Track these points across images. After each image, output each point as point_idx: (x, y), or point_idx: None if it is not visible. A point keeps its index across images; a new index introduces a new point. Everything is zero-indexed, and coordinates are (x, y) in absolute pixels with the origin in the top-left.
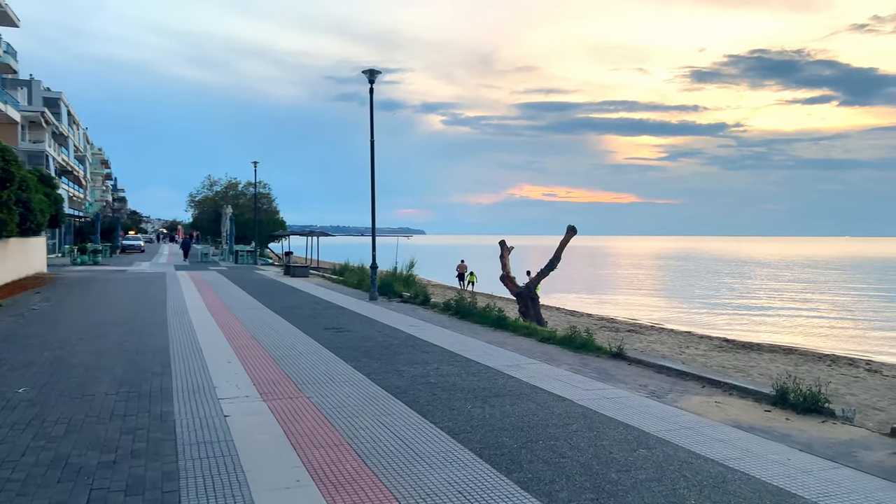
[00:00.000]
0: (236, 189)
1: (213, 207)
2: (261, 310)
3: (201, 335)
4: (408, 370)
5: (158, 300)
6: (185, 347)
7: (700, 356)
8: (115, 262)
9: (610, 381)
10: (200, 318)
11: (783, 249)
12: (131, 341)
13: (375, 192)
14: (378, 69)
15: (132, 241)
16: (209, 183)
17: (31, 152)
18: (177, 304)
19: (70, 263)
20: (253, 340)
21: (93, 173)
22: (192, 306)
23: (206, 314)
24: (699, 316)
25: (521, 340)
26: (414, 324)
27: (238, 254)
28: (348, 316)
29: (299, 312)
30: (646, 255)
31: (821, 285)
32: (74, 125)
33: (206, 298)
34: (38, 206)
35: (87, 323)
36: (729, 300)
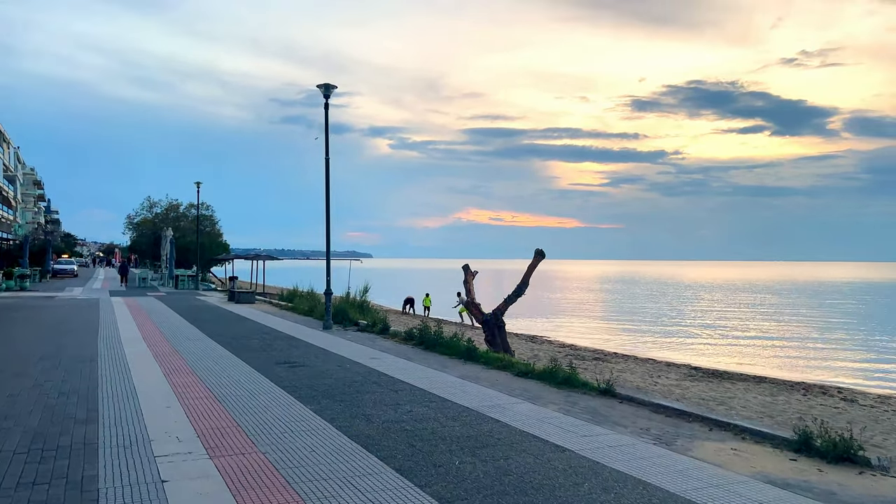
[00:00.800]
0: (177, 211)
1: (152, 230)
2: (204, 341)
3: (136, 372)
4: (377, 414)
5: (89, 330)
6: (117, 387)
7: (675, 387)
8: (45, 288)
9: (606, 424)
10: (136, 352)
11: (721, 273)
12: (53, 381)
13: (330, 213)
14: (333, 84)
15: (64, 266)
16: (149, 204)
17: None
18: (110, 334)
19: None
20: (195, 378)
21: (24, 194)
22: (127, 337)
23: (142, 346)
24: (658, 341)
25: (496, 375)
26: (375, 356)
27: (178, 278)
28: (302, 347)
29: (247, 344)
30: (591, 279)
31: (766, 309)
32: (4, 143)
33: (142, 328)
34: None
35: (4, 359)
36: (682, 325)
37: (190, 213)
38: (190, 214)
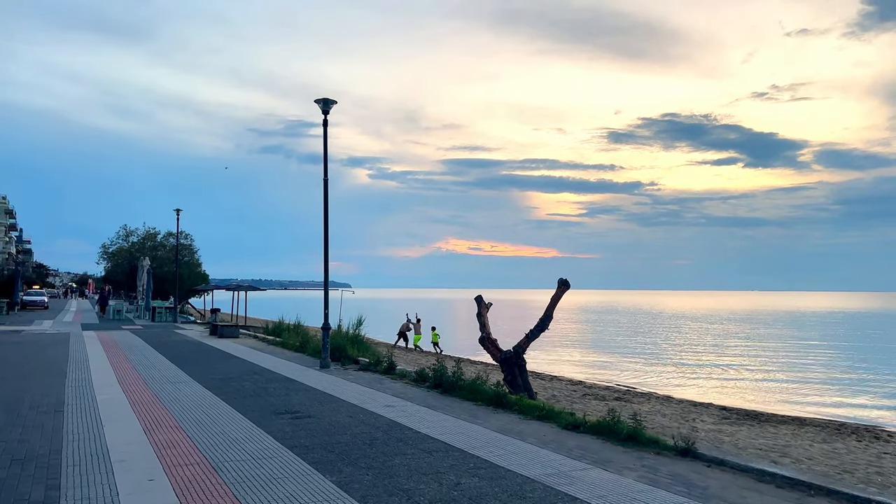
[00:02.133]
0: (155, 240)
1: (128, 259)
2: (188, 384)
3: (111, 427)
4: (418, 489)
5: (57, 372)
6: (86, 450)
7: (719, 433)
8: (12, 321)
9: (713, 502)
10: (110, 399)
11: (701, 303)
12: (8, 440)
13: (328, 237)
14: (332, 99)
15: (34, 297)
16: (125, 233)
17: None
18: (80, 377)
19: None
20: (182, 435)
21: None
22: (99, 380)
23: (117, 392)
24: (663, 375)
25: (540, 428)
26: (389, 402)
27: (156, 310)
28: (301, 392)
29: (238, 387)
30: (574, 309)
31: (758, 339)
32: None
33: (118, 369)
34: None
35: None
36: (680, 358)
37: (168, 242)
38: (168, 243)
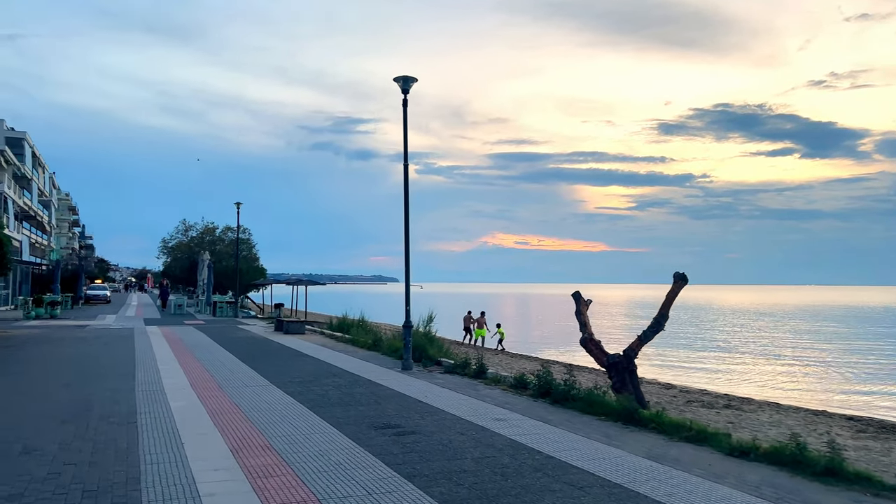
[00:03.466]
0: (213, 234)
1: (187, 254)
2: (267, 389)
3: (192, 446)
4: None
5: (125, 373)
6: (168, 480)
7: (863, 448)
8: (77, 315)
9: None
10: (186, 407)
11: (756, 298)
12: (77, 463)
13: (409, 226)
14: (412, 77)
15: (97, 291)
16: (184, 228)
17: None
18: (149, 379)
19: (23, 317)
20: (275, 457)
21: (59, 219)
22: (171, 384)
23: (192, 398)
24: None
25: (697, 453)
26: (497, 415)
27: (217, 305)
28: (392, 400)
29: (321, 393)
30: (626, 304)
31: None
32: (40, 168)
33: (187, 369)
34: None
35: (13, 420)
36: (756, 356)
37: (226, 237)
38: (226, 238)
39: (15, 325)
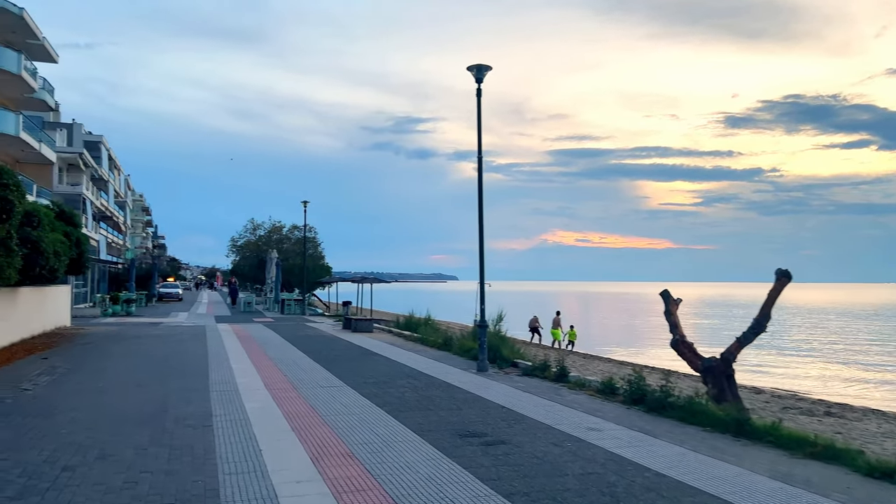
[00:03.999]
0: (280, 233)
1: (255, 252)
2: (342, 391)
3: (271, 453)
4: None
5: (198, 372)
6: (249, 493)
7: None
8: (151, 313)
9: None
10: (261, 409)
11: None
12: (153, 471)
13: (483, 223)
14: (487, 65)
15: (170, 289)
16: (252, 227)
17: (67, 195)
18: (223, 378)
19: (101, 314)
20: (358, 467)
21: (133, 220)
22: (244, 384)
23: (266, 399)
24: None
25: (826, 472)
26: (591, 425)
27: (284, 303)
28: (473, 405)
29: (397, 395)
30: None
31: None
32: (116, 170)
33: (261, 369)
34: (51, 247)
35: (90, 422)
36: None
37: (293, 236)
38: (293, 237)
39: (93, 321)
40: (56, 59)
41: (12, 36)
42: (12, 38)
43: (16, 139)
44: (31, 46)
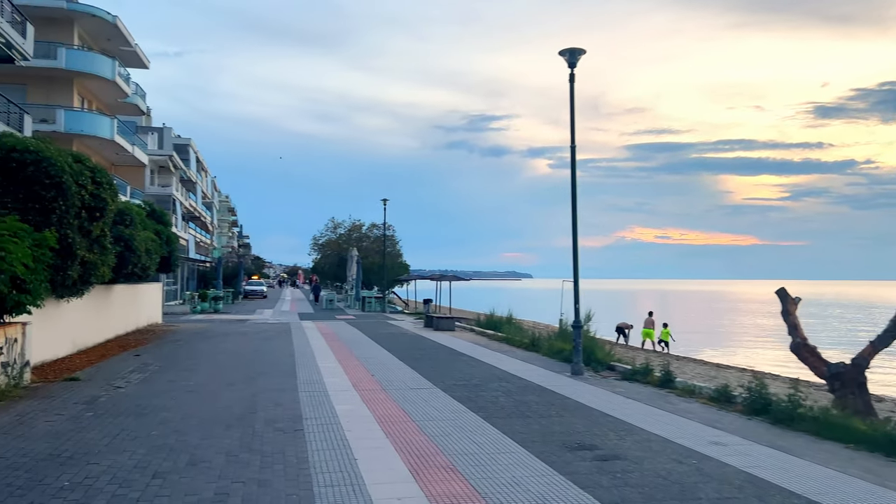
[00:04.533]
0: (360, 231)
1: (336, 251)
2: (433, 393)
3: (366, 463)
4: None
5: (286, 370)
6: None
7: None
8: (237, 310)
9: None
10: (352, 413)
11: None
12: (247, 479)
13: (577, 216)
14: (580, 48)
15: (255, 287)
16: (333, 225)
17: (158, 196)
18: (311, 378)
19: (190, 311)
20: (462, 484)
21: (220, 220)
22: (333, 384)
23: (356, 401)
24: None
25: None
26: (714, 438)
27: (365, 300)
28: (576, 412)
29: (491, 399)
30: None
31: None
32: (203, 172)
33: (348, 368)
34: (142, 244)
35: (180, 423)
36: None
37: (372, 234)
38: (372, 235)
39: (182, 318)
40: (147, 65)
41: (107, 43)
42: (107, 45)
43: (111, 142)
44: (123, 53)
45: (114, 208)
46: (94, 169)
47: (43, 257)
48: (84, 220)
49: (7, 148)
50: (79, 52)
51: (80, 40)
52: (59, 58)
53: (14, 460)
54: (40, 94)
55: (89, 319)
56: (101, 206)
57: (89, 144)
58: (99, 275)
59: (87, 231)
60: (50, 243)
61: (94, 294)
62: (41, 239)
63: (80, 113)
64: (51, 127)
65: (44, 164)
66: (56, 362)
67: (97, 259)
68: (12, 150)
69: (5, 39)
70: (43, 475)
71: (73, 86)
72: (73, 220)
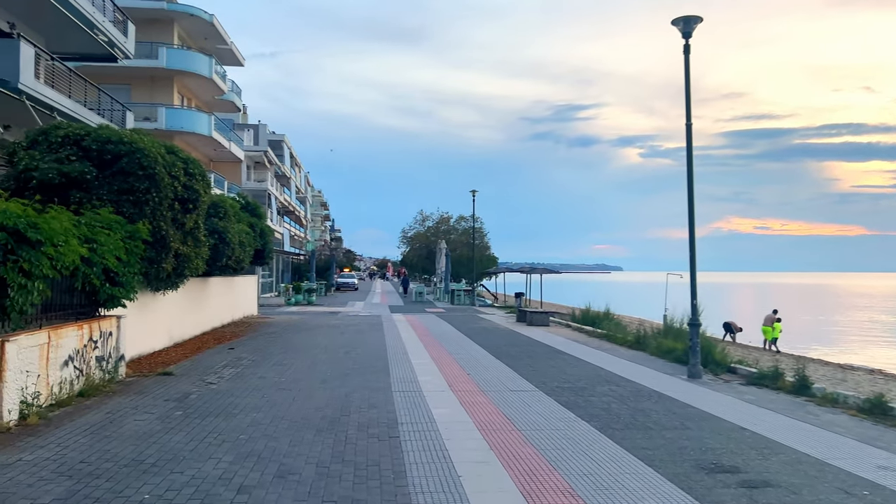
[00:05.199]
0: (448, 224)
1: (424, 243)
2: (534, 396)
3: (472, 481)
4: None
5: (378, 367)
6: None
7: None
8: (329, 302)
9: None
10: (451, 418)
11: None
12: (338, 496)
13: (693, 199)
14: (696, 16)
15: (347, 279)
16: (421, 218)
17: (254, 191)
18: (405, 376)
19: (284, 303)
20: None
21: (313, 214)
22: (428, 384)
23: (453, 404)
24: None
25: None
26: (882, 461)
27: (454, 293)
28: (703, 424)
29: (602, 406)
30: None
31: None
32: (296, 167)
33: (442, 366)
34: (236, 237)
35: (270, 425)
36: None
37: (460, 226)
38: (460, 227)
39: (277, 310)
40: (242, 63)
41: (204, 42)
42: (204, 44)
43: (209, 139)
44: (220, 51)
45: (207, 200)
46: (186, 160)
47: (136, 249)
48: (177, 212)
49: (102, 140)
50: (178, 50)
51: (180, 39)
52: (160, 57)
53: (97, 466)
54: (143, 93)
55: (186, 312)
56: (194, 198)
57: (188, 141)
58: (193, 267)
59: (180, 223)
60: (143, 235)
61: (189, 287)
62: (134, 231)
63: (179, 110)
64: (153, 124)
65: (137, 154)
66: (152, 355)
67: (191, 251)
68: (107, 141)
69: (107, 38)
70: (124, 485)
71: (174, 84)
72: (166, 211)
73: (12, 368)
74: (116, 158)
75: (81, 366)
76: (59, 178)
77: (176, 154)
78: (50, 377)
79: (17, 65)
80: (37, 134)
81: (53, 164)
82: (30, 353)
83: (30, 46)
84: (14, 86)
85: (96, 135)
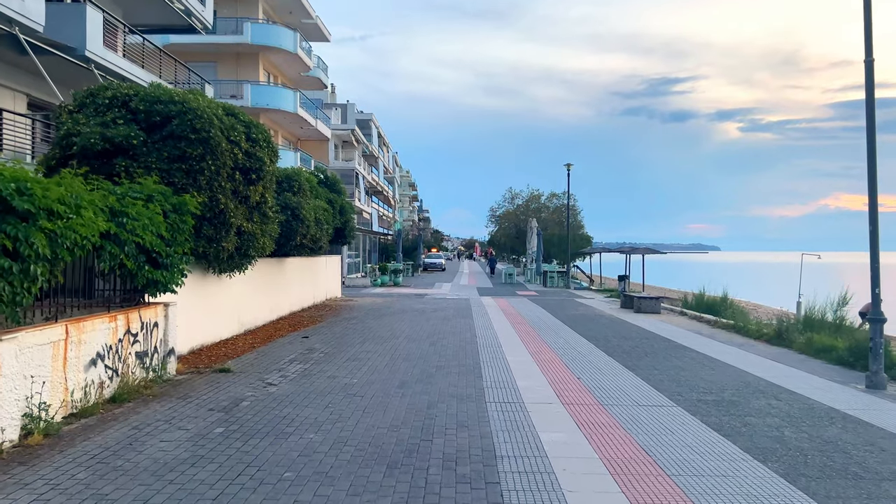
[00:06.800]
0: (538, 202)
1: (513, 222)
2: (673, 415)
3: None
4: None
5: (469, 367)
6: None
7: None
8: (416, 283)
9: None
10: (567, 451)
11: None
12: None
13: (875, 171)
14: None
15: (434, 260)
16: (510, 196)
17: (341, 170)
18: (500, 379)
19: (370, 284)
20: None
21: (401, 194)
22: (529, 391)
23: (569, 427)
24: None
25: None
26: None
27: (547, 274)
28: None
29: (772, 434)
30: None
31: None
32: (384, 147)
33: (543, 365)
34: (312, 214)
35: (328, 455)
36: None
37: (551, 204)
38: (551, 206)
39: (363, 292)
40: (328, 38)
41: (289, 17)
42: (289, 18)
43: (294, 116)
44: (305, 26)
45: (272, 170)
46: (248, 123)
47: (183, 225)
48: (239, 184)
49: (150, 99)
50: (263, 25)
51: (264, 14)
52: (244, 33)
53: None
54: (230, 70)
55: (257, 296)
56: (258, 168)
57: (274, 118)
58: (259, 247)
59: (243, 196)
60: (190, 208)
61: (262, 268)
62: (179, 203)
63: (264, 87)
64: (239, 102)
65: (188, 115)
66: (217, 345)
67: (256, 229)
68: (156, 101)
69: (184, 6)
70: None
71: (259, 60)
72: (224, 182)
73: (8, 374)
74: (166, 121)
75: (115, 364)
76: (103, 143)
77: (236, 116)
78: (69, 381)
79: (84, 31)
80: (84, 96)
81: (97, 129)
82: (37, 354)
83: (97, 12)
84: (81, 53)
85: (144, 94)
